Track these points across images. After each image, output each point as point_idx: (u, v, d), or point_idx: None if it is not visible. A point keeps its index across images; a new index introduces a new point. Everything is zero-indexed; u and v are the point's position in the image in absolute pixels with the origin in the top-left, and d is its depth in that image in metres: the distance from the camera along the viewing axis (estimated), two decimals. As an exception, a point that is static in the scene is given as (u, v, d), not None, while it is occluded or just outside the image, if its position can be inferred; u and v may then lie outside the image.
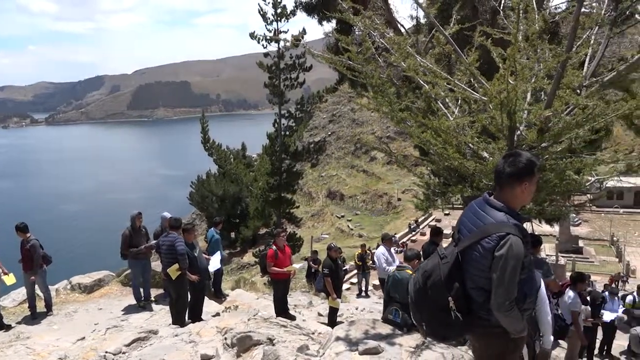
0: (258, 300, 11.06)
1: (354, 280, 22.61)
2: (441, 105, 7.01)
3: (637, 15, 6.80)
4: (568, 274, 11.03)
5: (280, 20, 26.43)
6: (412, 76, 7.01)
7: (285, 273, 9.06)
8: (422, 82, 7.12)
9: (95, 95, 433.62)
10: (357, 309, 12.54)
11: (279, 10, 26.17)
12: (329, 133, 75.46)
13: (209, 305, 9.28)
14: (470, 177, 6.16)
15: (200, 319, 8.10)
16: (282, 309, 9.24)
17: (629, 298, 11.82)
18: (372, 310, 12.30)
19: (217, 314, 8.54)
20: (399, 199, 55.15)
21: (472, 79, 6.73)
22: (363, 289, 17.58)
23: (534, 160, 2.85)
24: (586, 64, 6.41)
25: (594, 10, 7.32)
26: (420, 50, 8.35)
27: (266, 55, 27.90)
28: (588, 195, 8.81)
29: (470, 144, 6.30)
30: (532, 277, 2.89)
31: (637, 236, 37.49)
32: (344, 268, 18.04)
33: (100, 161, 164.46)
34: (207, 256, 9.63)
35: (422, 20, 14.11)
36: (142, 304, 9.22)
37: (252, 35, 26.37)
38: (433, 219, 43.89)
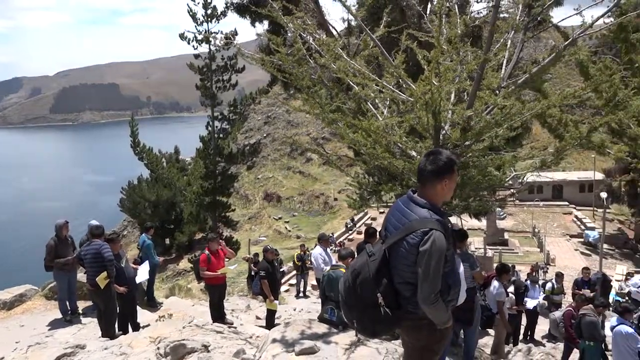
0: (194, 307, 10.81)
1: (293, 281, 22.62)
2: (371, 106, 7.17)
3: (548, 22, 7.26)
4: (495, 265, 11.80)
5: (211, 21, 26.00)
6: (342, 78, 7.13)
7: (220, 277, 8.94)
8: (352, 84, 7.26)
9: (14, 98, 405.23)
10: (295, 310, 12.57)
11: (209, 11, 25.73)
12: (264, 135, 75.01)
13: (142, 315, 8.96)
14: (399, 175, 6.35)
15: (134, 330, 7.81)
16: (218, 315, 9.09)
17: (549, 285, 12.65)
18: (310, 310, 12.37)
19: (150, 324, 8.26)
20: (336, 199, 55.77)
21: (400, 80, 6.93)
22: (301, 289, 17.62)
23: (453, 158, 2.98)
24: (504, 67, 6.78)
25: (510, 16, 7.77)
26: (351, 52, 8.50)
27: (197, 56, 27.35)
28: (512, 190, 9.31)
29: (399, 144, 6.49)
30: (454, 269, 3.02)
31: (555, 227, 40.10)
32: (282, 270, 18.00)
33: (21, 168, 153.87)
34: (134, 266, 9.28)
35: (353, 23, 14.37)
36: (69, 318, 8.72)
37: (182, 36, 25.79)
38: (369, 217, 44.73)
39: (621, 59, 7.00)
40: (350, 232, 42.56)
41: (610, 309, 11.19)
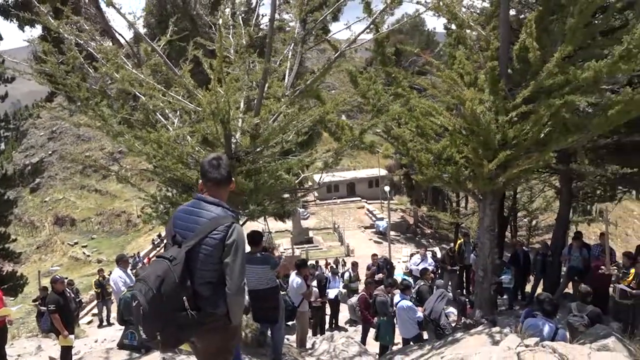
0: (-37, 361, 9.11)
1: (96, 310, 20.62)
2: (160, 116, 6.96)
3: (321, 36, 7.97)
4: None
5: (-34, 22, 22.12)
6: (127, 88, 6.79)
7: (-2, 320, 7.72)
8: (139, 94, 6.97)
9: None
10: (96, 341, 11.52)
11: (-39, 10, 21.82)
12: (50, 152, 66.61)
13: None
14: (194, 185, 6.30)
15: None
16: (-2, 364, 7.84)
17: (347, 275, 13.89)
18: (114, 339, 11.41)
19: None
20: (139, 216, 52.45)
21: (193, 90, 6.88)
22: (105, 317, 16.21)
23: (231, 166, 3.18)
24: (286, 76, 7.23)
25: (291, 29, 8.34)
26: (142, 60, 8.13)
27: (-50, 63, 22.96)
28: (311, 189, 9.95)
29: (192, 154, 6.43)
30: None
31: (352, 221, 44.19)
32: (78, 300, 16.26)
33: None
34: None
35: (142, 30, 13.70)
36: None
37: None
38: (177, 231, 43.20)
39: (382, 70, 8.09)
40: (158, 248, 40.51)
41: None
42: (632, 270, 8.89)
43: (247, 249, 4.88)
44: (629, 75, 7.49)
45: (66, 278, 10.71)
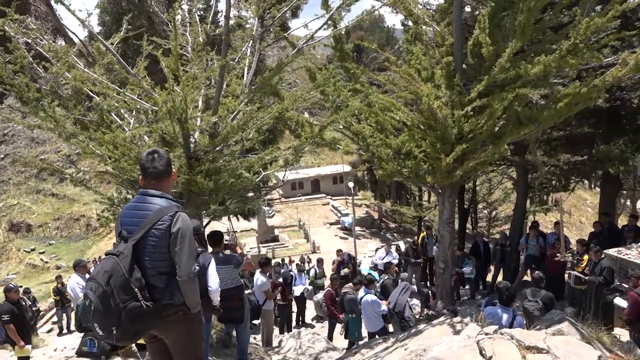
0: None
1: (56, 318, 19.96)
2: (115, 116, 6.79)
3: (278, 33, 7.93)
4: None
5: None
6: (80, 87, 6.60)
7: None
8: (92, 94, 6.78)
9: None
10: (56, 350, 11.09)
11: None
12: (2, 156, 64.00)
13: None
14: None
15: None
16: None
17: (312, 272, 13.92)
18: (75, 346, 11.03)
19: None
20: (98, 219, 50.99)
21: (151, 88, 6.73)
22: (64, 325, 15.71)
23: (170, 157, 3.27)
24: (245, 74, 7.17)
25: (250, 26, 8.26)
26: (97, 59, 7.91)
27: None
28: (277, 187, 9.89)
29: (149, 154, 6.29)
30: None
31: (317, 218, 44.26)
32: (35, 308, 15.71)
33: None
34: None
35: (96, 29, 13.29)
36: None
37: None
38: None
39: (341, 66, 8.12)
40: (120, 252, 39.57)
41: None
42: (585, 257, 9.26)
43: (210, 247, 4.85)
44: (577, 69, 7.78)
45: (21, 286, 10.32)
